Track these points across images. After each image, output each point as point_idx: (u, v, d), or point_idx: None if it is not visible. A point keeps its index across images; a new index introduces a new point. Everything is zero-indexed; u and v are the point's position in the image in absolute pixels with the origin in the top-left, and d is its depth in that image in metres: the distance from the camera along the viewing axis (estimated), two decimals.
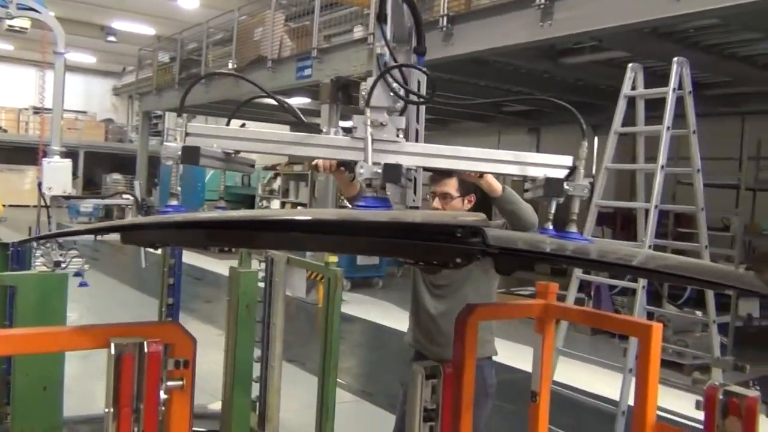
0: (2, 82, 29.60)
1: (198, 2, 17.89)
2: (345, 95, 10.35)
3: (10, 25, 6.67)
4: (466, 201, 3.05)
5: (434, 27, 8.42)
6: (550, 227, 1.84)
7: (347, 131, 1.95)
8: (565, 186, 1.82)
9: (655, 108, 4.92)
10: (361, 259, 10.91)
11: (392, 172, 1.72)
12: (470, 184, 2.98)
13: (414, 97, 1.97)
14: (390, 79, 1.84)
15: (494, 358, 3.24)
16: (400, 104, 1.88)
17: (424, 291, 3.24)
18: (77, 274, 5.63)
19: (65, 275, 3.08)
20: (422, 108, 2.10)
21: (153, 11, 19.93)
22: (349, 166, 2.26)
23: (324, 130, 2.02)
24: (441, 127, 16.16)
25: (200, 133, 1.95)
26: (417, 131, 2.11)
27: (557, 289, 2.34)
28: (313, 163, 2.50)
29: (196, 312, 9.04)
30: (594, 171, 13.72)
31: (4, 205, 12.30)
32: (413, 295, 3.32)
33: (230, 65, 13.56)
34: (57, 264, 5.48)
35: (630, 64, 4.86)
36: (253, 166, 2.39)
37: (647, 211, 4.58)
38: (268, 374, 4.18)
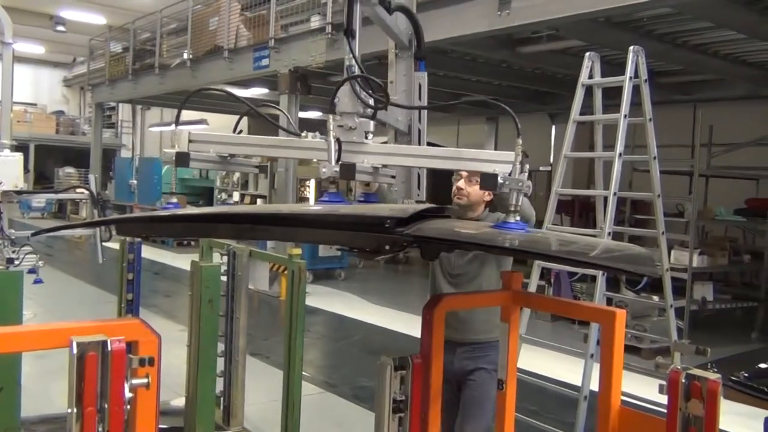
0: None
1: None
2: (304, 85, 10.27)
3: None
4: (486, 192, 3.17)
5: None
6: (512, 220, 1.88)
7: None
8: (500, 180, 1.92)
9: (611, 96, 4.98)
10: (323, 251, 10.87)
11: (348, 171, 1.97)
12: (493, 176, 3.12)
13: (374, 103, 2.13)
14: (357, 88, 2.06)
15: None
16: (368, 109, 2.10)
17: (442, 279, 3.38)
18: (31, 271, 5.48)
19: (20, 273, 2.99)
20: (424, 111, 2.41)
21: (104, 0, 19.43)
22: None
23: (303, 134, 2.24)
24: None
25: (200, 140, 2.34)
26: (420, 131, 2.44)
27: (522, 278, 2.36)
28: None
29: (156, 307, 8.89)
30: (552, 160, 13.96)
31: None
32: (431, 283, 3.46)
33: (185, 56, 13.32)
34: (10, 261, 5.32)
35: (587, 53, 4.91)
36: (257, 167, 2.61)
37: (606, 199, 4.65)
38: (232, 369, 4.14)
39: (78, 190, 10.61)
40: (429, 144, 2.73)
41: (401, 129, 2.61)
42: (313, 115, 15.51)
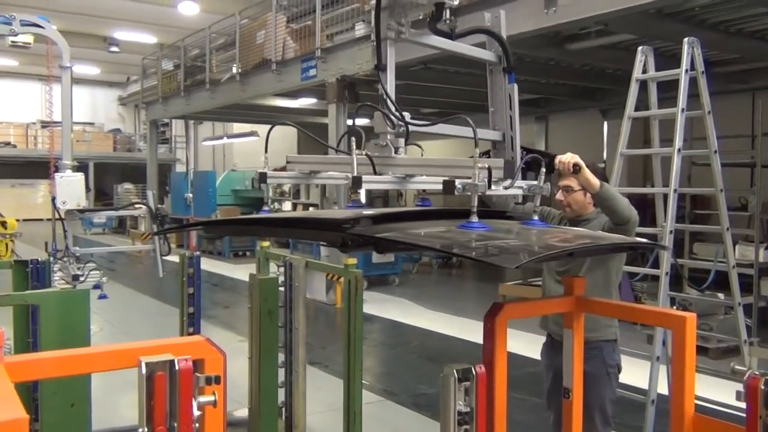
0: (9, 98, 29.76)
1: (198, 8, 17.88)
2: (351, 94, 10.32)
3: (13, 41, 6.66)
4: (588, 195, 3.18)
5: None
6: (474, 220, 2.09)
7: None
8: (457, 184, 2.10)
9: (665, 89, 4.86)
10: (377, 257, 10.88)
11: (356, 182, 2.25)
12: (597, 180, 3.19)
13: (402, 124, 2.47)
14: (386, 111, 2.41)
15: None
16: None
17: (549, 277, 3.40)
18: (96, 286, 5.64)
19: (86, 291, 3.06)
20: (516, 120, 2.65)
21: (154, 20, 19.94)
22: None
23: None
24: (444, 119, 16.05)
25: (296, 161, 2.73)
26: (512, 138, 2.67)
27: (585, 283, 2.30)
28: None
29: (215, 319, 9.05)
30: (605, 156, 13.67)
31: (17, 220, 12.37)
32: (543, 282, 3.51)
33: (234, 70, 13.56)
34: (75, 278, 5.50)
35: (640, 47, 4.79)
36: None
37: (666, 196, 4.52)
38: (292, 379, 4.17)
39: (137, 205, 10.93)
40: (523, 149, 2.74)
41: (497, 139, 2.77)
42: (361, 122, 15.56)
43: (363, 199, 2.68)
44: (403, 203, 15.71)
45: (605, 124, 14.18)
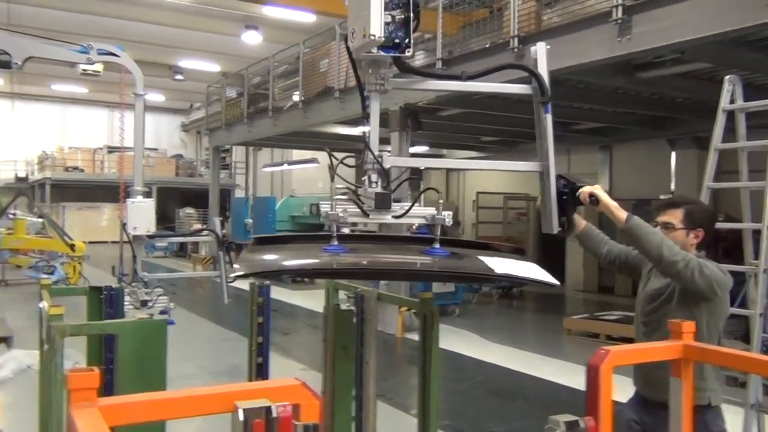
0: (78, 124, 30.94)
1: (261, 38, 18.26)
2: (414, 122, 10.29)
3: (84, 70, 6.84)
4: (692, 235, 2.95)
5: (504, 49, 8.28)
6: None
7: None
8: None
9: (747, 119, 4.65)
10: (437, 287, 10.72)
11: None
12: (702, 219, 2.98)
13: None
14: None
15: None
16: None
17: (638, 324, 3.14)
18: (163, 312, 5.67)
19: (164, 321, 3.04)
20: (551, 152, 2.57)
21: (218, 49, 20.46)
22: None
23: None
24: (508, 149, 15.88)
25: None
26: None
27: (694, 327, 2.13)
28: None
29: (275, 345, 8.98)
30: (673, 187, 13.24)
31: (84, 242, 12.70)
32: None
33: (295, 98, 13.72)
34: (144, 303, 5.53)
35: (727, 77, 4.58)
36: None
37: (755, 232, 4.28)
38: (362, 415, 4.05)
39: (203, 232, 11.06)
40: (561, 177, 2.66)
41: (536, 170, 2.68)
42: (421, 149, 15.55)
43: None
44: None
45: (673, 154, 13.76)
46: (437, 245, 2.33)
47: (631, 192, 14.00)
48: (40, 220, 14.67)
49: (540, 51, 2.63)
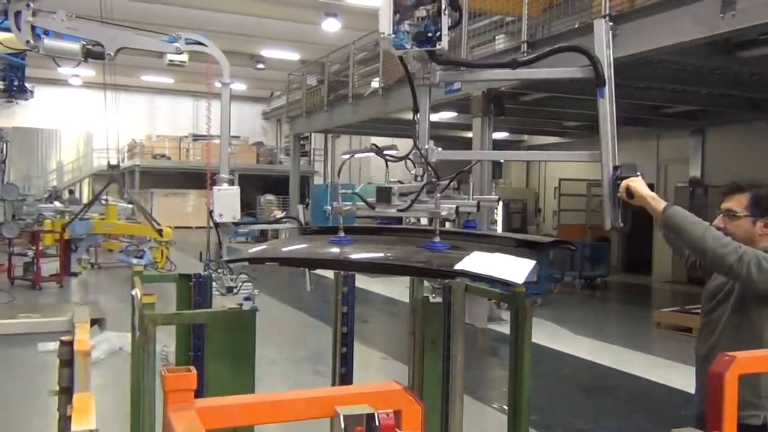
0: (164, 113, 32.01)
1: (340, 25, 18.28)
2: (497, 107, 10.04)
3: (171, 60, 6.97)
4: (760, 224, 2.60)
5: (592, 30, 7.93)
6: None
7: None
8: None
9: None
10: None
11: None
12: None
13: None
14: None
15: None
16: None
17: (701, 324, 2.84)
18: (247, 298, 5.73)
19: (253, 311, 3.02)
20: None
21: (298, 37, 20.63)
22: None
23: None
24: (592, 133, 15.32)
25: None
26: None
27: None
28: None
29: (355, 333, 9.02)
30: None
31: (171, 228, 13.09)
32: None
33: (375, 84, 13.66)
34: (229, 289, 5.59)
35: None
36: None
37: None
38: (449, 410, 3.94)
39: (285, 220, 11.17)
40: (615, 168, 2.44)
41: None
42: (500, 135, 15.25)
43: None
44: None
45: None
46: (437, 239, 2.24)
47: (727, 179, 13.18)
48: (130, 205, 15.25)
49: (598, 30, 2.44)
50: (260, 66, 24.30)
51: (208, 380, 2.85)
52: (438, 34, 2.27)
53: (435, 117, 13.98)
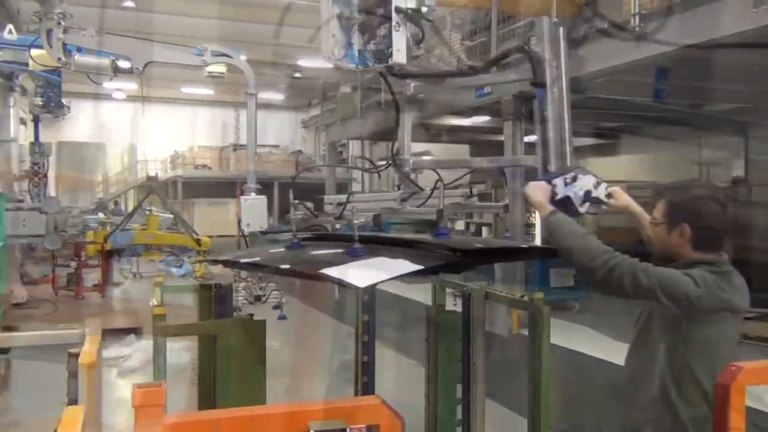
0: (206, 124, 32.59)
1: None
2: (528, 110, 9.90)
3: (209, 72, 7.09)
4: (675, 234, 2.40)
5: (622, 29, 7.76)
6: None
7: None
8: None
9: None
10: (555, 280, 10.31)
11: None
12: (685, 212, 2.38)
13: None
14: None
15: None
16: None
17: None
18: (276, 306, 5.78)
19: (262, 322, 3.02)
20: None
21: None
22: None
23: None
24: (630, 135, 15.03)
25: None
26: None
27: None
28: None
29: (386, 339, 8.99)
30: None
31: (210, 237, 13.29)
32: None
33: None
34: (257, 298, 5.65)
35: None
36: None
37: None
38: (470, 418, 3.89)
39: (315, 226, 11.23)
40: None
41: None
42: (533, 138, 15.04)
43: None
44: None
45: None
46: (357, 245, 2.37)
47: None
48: (171, 216, 15.54)
49: (545, 28, 2.46)
50: (297, 75, 24.52)
51: (218, 391, 2.86)
52: (389, 50, 2.40)
53: (468, 121, 13.88)
